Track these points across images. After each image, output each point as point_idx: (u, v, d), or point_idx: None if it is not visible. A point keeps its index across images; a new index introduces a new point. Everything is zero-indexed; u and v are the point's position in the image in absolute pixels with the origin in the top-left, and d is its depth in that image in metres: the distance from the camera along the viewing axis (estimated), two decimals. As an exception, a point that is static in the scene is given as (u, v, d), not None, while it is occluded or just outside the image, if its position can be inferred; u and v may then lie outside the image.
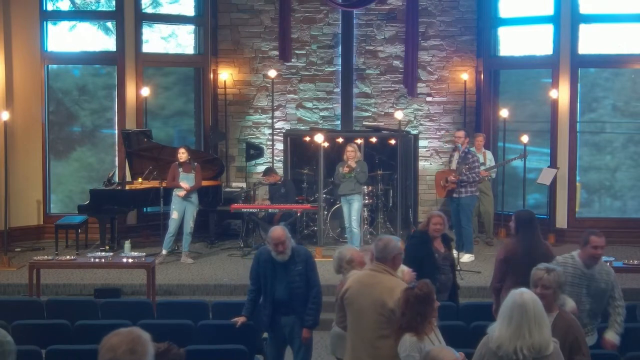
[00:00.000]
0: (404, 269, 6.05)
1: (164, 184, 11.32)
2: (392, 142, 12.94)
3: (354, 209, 11.34)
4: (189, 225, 11.10)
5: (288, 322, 6.62)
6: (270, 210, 11.98)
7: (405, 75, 13.62)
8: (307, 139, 12.91)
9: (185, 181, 11.09)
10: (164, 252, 11.10)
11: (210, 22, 13.65)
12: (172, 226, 11.08)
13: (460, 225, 11.06)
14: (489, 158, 12.44)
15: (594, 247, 6.09)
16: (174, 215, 11.08)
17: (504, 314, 4.24)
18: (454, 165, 11.16)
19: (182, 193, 11.02)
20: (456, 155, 11.22)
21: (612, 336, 6.22)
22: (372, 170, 12.31)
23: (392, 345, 5.19)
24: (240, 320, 6.75)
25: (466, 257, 11.00)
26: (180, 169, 11.12)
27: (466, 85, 13.74)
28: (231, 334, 6.68)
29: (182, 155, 11.14)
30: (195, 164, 11.26)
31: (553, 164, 12.59)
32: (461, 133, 11.30)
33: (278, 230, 6.57)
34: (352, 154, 11.42)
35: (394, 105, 13.85)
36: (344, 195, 11.43)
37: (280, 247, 6.47)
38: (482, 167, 12.05)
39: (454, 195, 11.05)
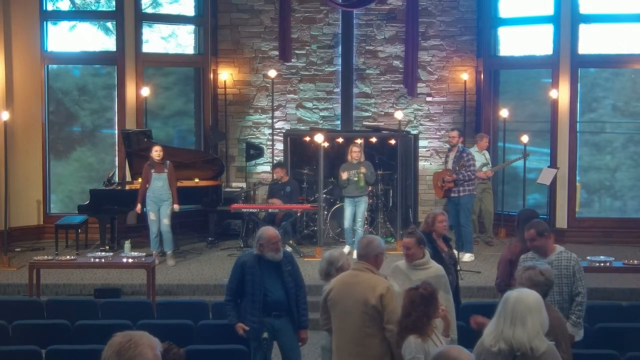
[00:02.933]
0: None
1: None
2: (392, 142, 12.94)
3: (360, 210, 11.32)
4: (164, 223, 10.86)
5: (280, 324, 6.51)
6: (270, 210, 11.97)
7: (405, 75, 13.62)
8: (307, 139, 12.91)
9: (158, 181, 10.85)
10: (154, 253, 11.02)
11: (210, 22, 13.64)
12: (153, 227, 10.92)
13: (460, 225, 11.06)
14: (487, 157, 12.44)
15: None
16: (152, 216, 10.92)
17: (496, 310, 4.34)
18: (449, 165, 11.18)
19: (177, 206, 10.95)
20: (452, 155, 11.24)
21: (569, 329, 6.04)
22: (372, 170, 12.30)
23: (378, 343, 5.20)
24: (242, 327, 6.53)
25: (466, 257, 11.00)
26: (153, 170, 10.88)
27: (466, 85, 13.74)
28: (231, 334, 6.66)
29: (159, 153, 10.87)
30: (168, 162, 10.99)
31: (553, 164, 12.58)
32: (455, 133, 11.32)
33: (271, 231, 6.54)
34: (358, 155, 11.38)
35: (394, 105, 13.85)
36: (352, 197, 11.34)
37: (279, 245, 6.48)
38: (486, 168, 12.07)
39: (452, 194, 11.05)
